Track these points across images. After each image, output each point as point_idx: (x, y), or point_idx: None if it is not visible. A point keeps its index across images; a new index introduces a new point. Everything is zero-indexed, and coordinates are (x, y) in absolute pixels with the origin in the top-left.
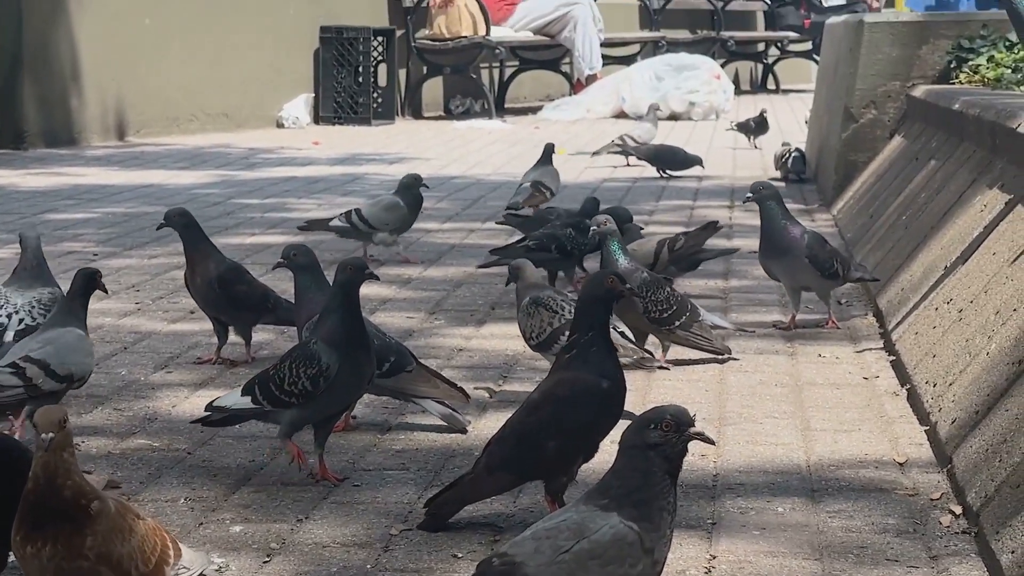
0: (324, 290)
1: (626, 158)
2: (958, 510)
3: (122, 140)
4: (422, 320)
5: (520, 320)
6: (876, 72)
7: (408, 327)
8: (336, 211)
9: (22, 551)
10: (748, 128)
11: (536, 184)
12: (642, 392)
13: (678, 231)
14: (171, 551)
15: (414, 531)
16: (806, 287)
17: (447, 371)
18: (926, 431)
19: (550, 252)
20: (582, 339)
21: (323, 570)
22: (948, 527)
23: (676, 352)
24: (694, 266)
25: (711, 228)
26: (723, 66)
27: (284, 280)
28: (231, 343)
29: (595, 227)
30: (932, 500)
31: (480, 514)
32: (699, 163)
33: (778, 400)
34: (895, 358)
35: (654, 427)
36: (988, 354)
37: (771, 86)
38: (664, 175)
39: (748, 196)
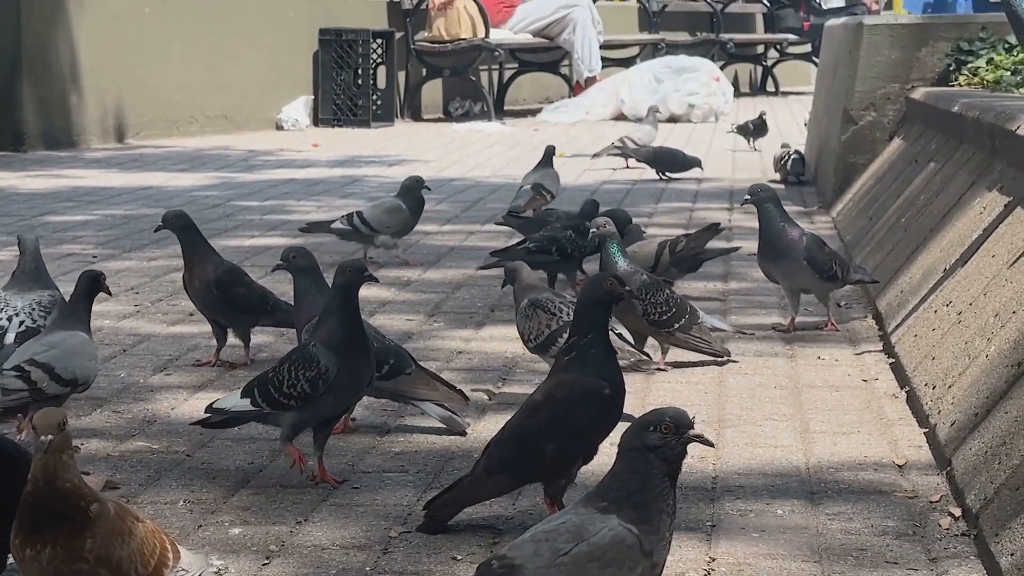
0: (323, 292)
1: (625, 160)
2: (957, 512)
3: (121, 142)
4: (421, 322)
5: (518, 322)
6: (875, 74)
7: (407, 329)
8: (335, 213)
9: (21, 554)
10: (747, 130)
11: (537, 187)
12: (641, 394)
13: (678, 233)
14: (170, 553)
15: (413, 533)
16: (805, 289)
17: (446, 373)
18: (925, 433)
19: (550, 254)
20: (581, 341)
21: (322, 572)
22: (947, 529)
23: (675, 354)
24: (695, 267)
25: (713, 230)
26: (722, 68)
27: (283, 282)
28: (230, 345)
29: (594, 229)
30: (931, 502)
31: (479, 516)
32: (698, 164)
33: (777, 402)
34: (894, 360)
35: (653, 429)
36: (987, 356)
37: (770, 88)
38: (663, 177)
39: (746, 198)
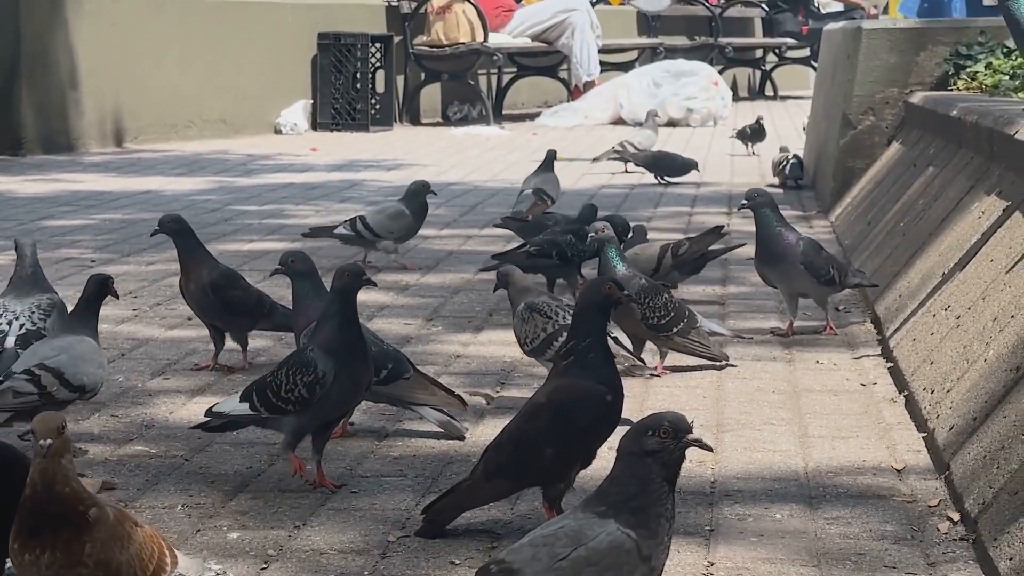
0: (322, 296)
1: (624, 164)
2: (956, 517)
3: (120, 146)
4: (420, 327)
5: (515, 325)
6: (874, 79)
7: (406, 334)
8: (334, 217)
9: (20, 558)
10: (745, 135)
11: (539, 192)
12: (640, 399)
13: (677, 237)
14: (168, 558)
15: (412, 538)
16: (803, 294)
17: (445, 378)
18: (924, 438)
19: (551, 258)
20: (580, 346)
21: None
22: (946, 534)
23: (674, 359)
24: (697, 270)
25: (715, 233)
26: (721, 72)
27: (282, 287)
28: (228, 349)
29: (593, 234)
30: (930, 507)
31: (478, 521)
32: (694, 166)
33: (776, 407)
34: (893, 365)
35: (652, 434)
36: (986, 361)
37: (769, 92)
38: (662, 181)
39: (743, 203)
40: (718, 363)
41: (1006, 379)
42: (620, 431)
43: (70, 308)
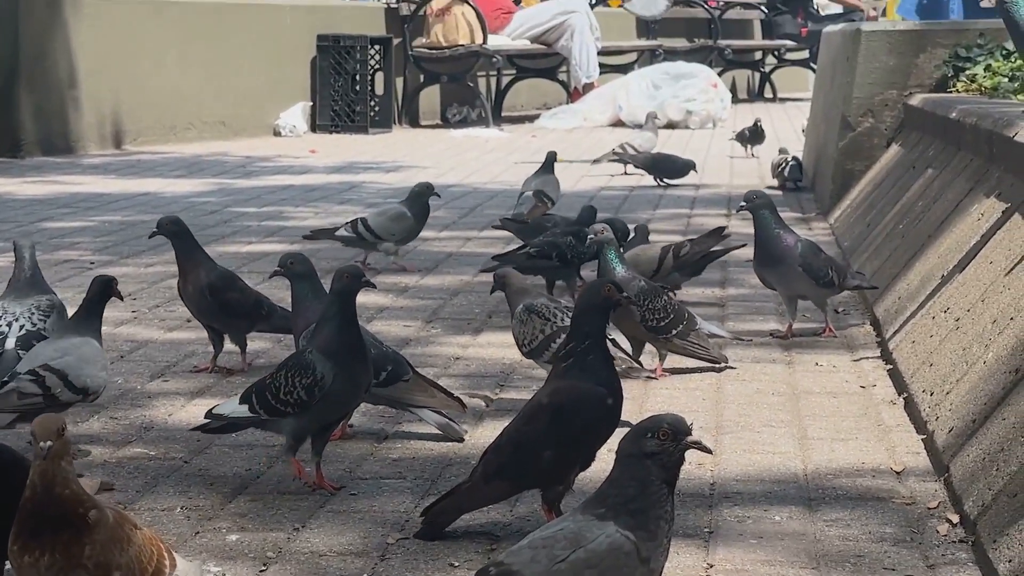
0: (321, 298)
1: (624, 166)
2: (955, 519)
3: (119, 148)
4: (419, 329)
5: (514, 327)
6: (873, 81)
7: (405, 336)
8: (333, 219)
9: (19, 560)
10: (744, 137)
11: (539, 194)
12: (639, 401)
13: (677, 239)
14: (167, 561)
15: (411, 540)
16: (802, 296)
17: (444, 380)
18: (923, 440)
19: (551, 260)
20: (579, 348)
21: None
22: (945, 536)
23: (673, 361)
24: (698, 272)
25: (717, 234)
26: (720, 75)
27: (281, 289)
28: (227, 351)
29: (592, 236)
30: (929, 509)
31: (477, 523)
32: (692, 167)
33: (775, 409)
34: (892, 367)
35: (651, 436)
36: (985, 363)
37: (768, 95)
38: (661, 183)
39: (741, 205)
40: (717, 365)
41: (1005, 381)
42: (619, 433)
43: (69, 310)
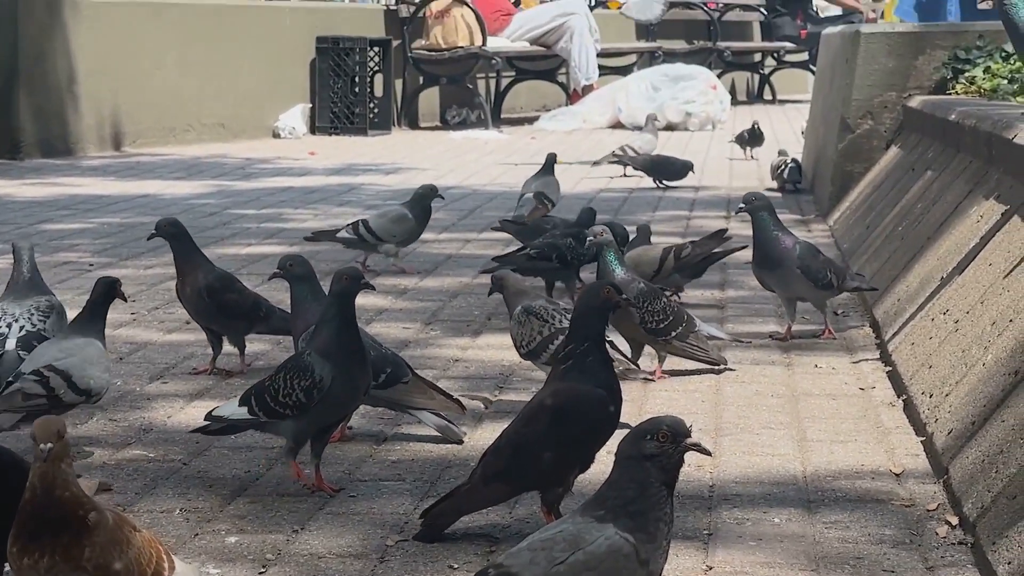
0: (320, 300)
1: (623, 168)
2: (954, 521)
3: (118, 150)
4: (418, 331)
5: (512, 329)
6: (872, 83)
7: (404, 338)
8: (332, 221)
9: (19, 562)
10: (743, 140)
11: (540, 195)
12: (638, 403)
13: (677, 241)
14: (166, 564)
15: (410, 542)
16: (801, 297)
17: (443, 382)
18: (922, 442)
19: (551, 261)
20: (578, 349)
21: None
22: (944, 538)
23: (672, 363)
24: (699, 274)
25: (718, 237)
26: (719, 76)
27: (281, 291)
28: (226, 353)
29: (591, 238)
30: (928, 511)
31: (476, 525)
32: (691, 168)
33: (774, 411)
34: (891, 369)
35: (650, 438)
36: (984, 365)
37: (767, 96)
38: (660, 185)
39: (740, 207)
40: (716, 367)
41: (1004, 383)
42: (619, 435)
43: (69, 311)
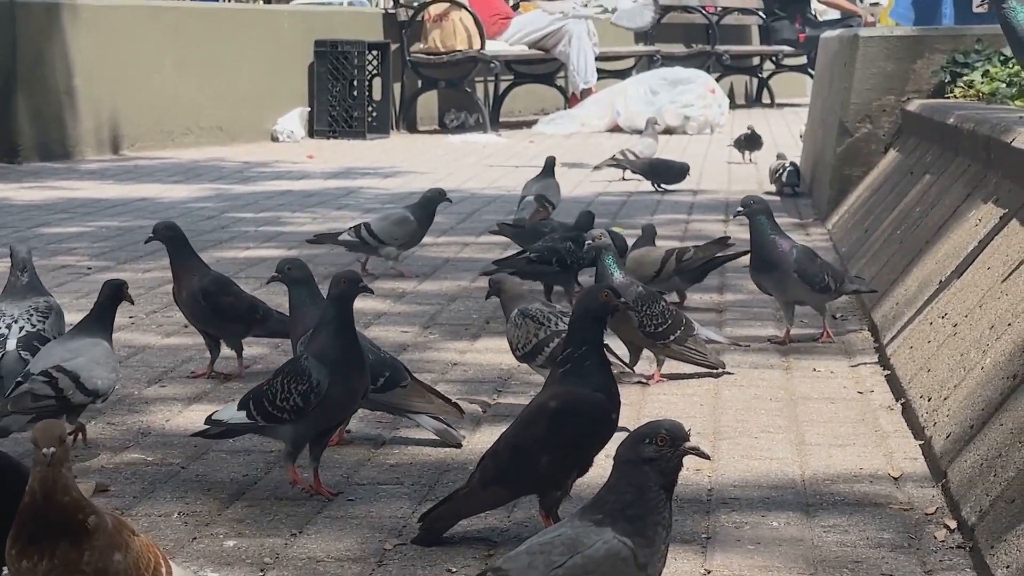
0: (319, 304)
1: (622, 172)
2: (953, 525)
3: (116, 154)
4: (416, 334)
5: (508, 331)
6: (871, 86)
7: (402, 341)
8: (331, 225)
9: (17, 565)
10: (740, 144)
11: (540, 198)
12: (637, 406)
13: (675, 245)
14: (163, 569)
15: (408, 545)
16: (799, 301)
17: (441, 385)
18: (921, 445)
19: (551, 265)
20: (576, 353)
21: None
22: (943, 542)
23: (671, 366)
24: (699, 279)
25: (721, 243)
26: (718, 80)
27: (279, 294)
28: (224, 357)
29: (590, 241)
30: (927, 515)
31: (474, 529)
32: (688, 170)
33: (773, 414)
34: (890, 372)
35: (649, 442)
36: (983, 368)
37: (766, 100)
38: (659, 189)
39: (739, 210)
40: (715, 371)
41: (1003, 387)
42: (617, 439)
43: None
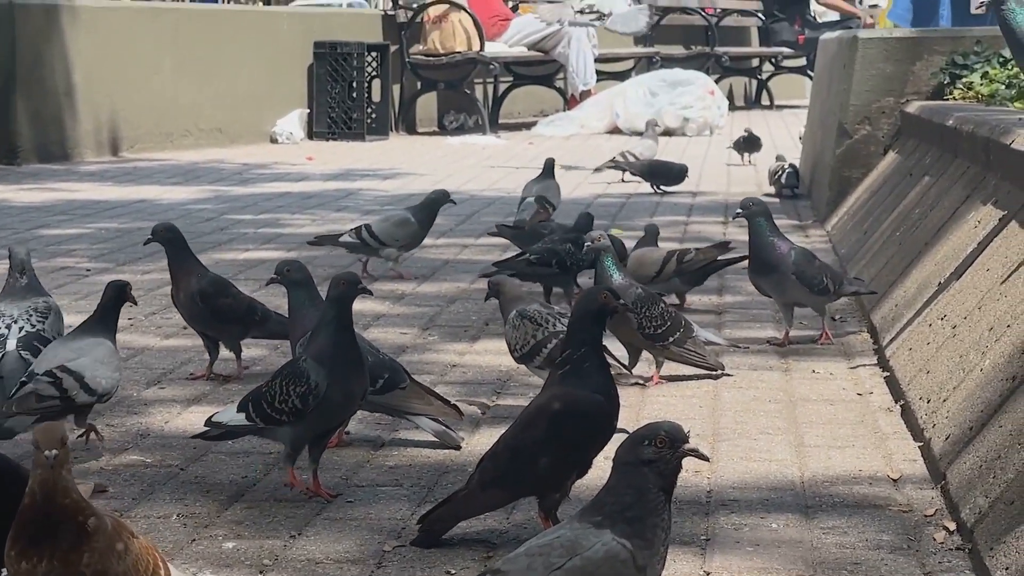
0: (318, 306)
1: (622, 174)
2: (952, 526)
3: (116, 155)
4: (415, 336)
5: (507, 333)
6: (870, 88)
7: (402, 343)
8: (330, 227)
9: (17, 566)
10: (740, 145)
11: (541, 200)
12: (636, 408)
13: (675, 247)
14: (162, 571)
15: (407, 547)
16: (798, 303)
17: (441, 387)
18: (920, 447)
19: (550, 266)
20: (575, 355)
21: None
22: (942, 543)
23: (670, 368)
24: (699, 281)
25: (722, 247)
26: (717, 82)
27: (278, 296)
28: (223, 359)
29: (589, 243)
30: (926, 516)
31: (473, 530)
32: (687, 172)
33: (772, 416)
34: (889, 374)
35: (648, 443)
36: (982, 370)
37: (765, 102)
38: (658, 191)
39: (738, 212)
40: (714, 372)
41: (1002, 389)
42: (616, 440)
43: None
